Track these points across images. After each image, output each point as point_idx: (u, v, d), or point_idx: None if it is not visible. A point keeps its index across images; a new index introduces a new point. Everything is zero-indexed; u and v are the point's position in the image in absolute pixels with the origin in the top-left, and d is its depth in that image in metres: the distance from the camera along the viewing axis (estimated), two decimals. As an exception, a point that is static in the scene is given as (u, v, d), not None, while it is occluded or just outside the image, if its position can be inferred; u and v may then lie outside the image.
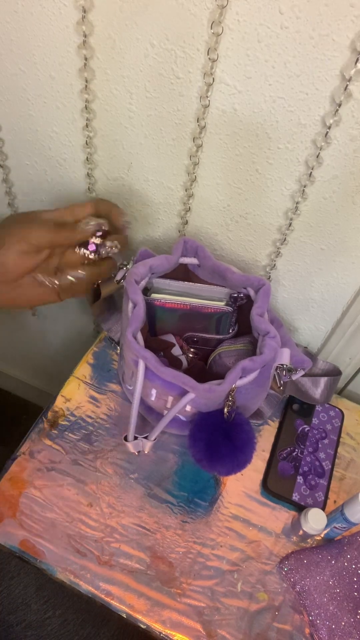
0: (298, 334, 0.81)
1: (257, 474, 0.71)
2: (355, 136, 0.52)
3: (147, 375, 0.58)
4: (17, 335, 1.18)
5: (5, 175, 0.75)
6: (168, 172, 0.64)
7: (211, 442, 0.57)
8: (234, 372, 0.55)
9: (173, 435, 0.71)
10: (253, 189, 0.62)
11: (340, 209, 0.60)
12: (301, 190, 0.59)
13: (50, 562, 0.61)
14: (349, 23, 0.45)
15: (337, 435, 0.76)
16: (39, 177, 0.73)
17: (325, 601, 0.61)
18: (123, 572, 0.61)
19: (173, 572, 0.62)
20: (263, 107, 0.53)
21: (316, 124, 0.53)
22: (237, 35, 0.49)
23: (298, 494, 0.69)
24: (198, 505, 0.67)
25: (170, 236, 0.73)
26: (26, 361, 1.29)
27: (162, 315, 0.68)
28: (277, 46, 0.48)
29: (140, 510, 0.66)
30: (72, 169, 0.70)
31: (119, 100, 0.59)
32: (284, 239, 0.65)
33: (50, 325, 1.09)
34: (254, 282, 0.63)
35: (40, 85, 0.61)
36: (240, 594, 0.62)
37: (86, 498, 0.65)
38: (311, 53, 0.48)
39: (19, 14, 0.55)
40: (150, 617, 0.59)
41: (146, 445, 0.63)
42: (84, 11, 0.51)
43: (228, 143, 0.58)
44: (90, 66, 0.57)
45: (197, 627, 0.59)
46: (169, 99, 0.56)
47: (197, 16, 0.49)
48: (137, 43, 0.53)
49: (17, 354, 1.28)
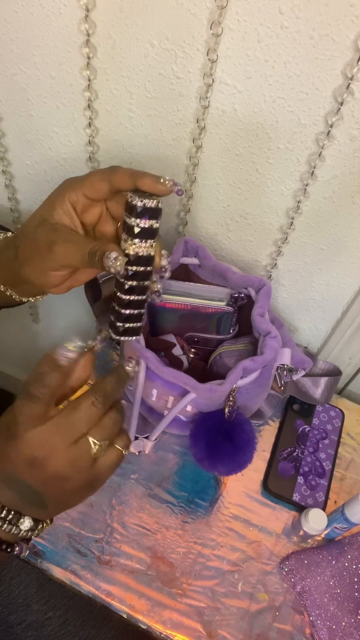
0: (298, 334, 0.81)
1: (257, 474, 0.71)
2: (355, 136, 0.52)
3: (148, 375, 0.58)
4: (17, 335, 1.18)
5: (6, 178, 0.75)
6: (168, 172, 0.64)
7: (212, 442, 0.57)
8: (235, 372, 0.55)
9: (174, 436, 0.71)
10: (253, 189, 0.62)
11: (340, 209, 0.60)
12: (301, 190, 0.59)
13: (50, 562, 0.61)
14: (349, 23, 0.45)
15: (338, 436, 0.76)
16: (39, 177, 0.73)
17: (326, 601, 0.61)
18: (123, 572, 0.61)
19: (174, 572, 0.62)
20: (263, 107, 0.53)
21: (316, 124, 0.53)
22: (237, 35, 0.49)
23: (298, 494, 0.69)
24: (198, 505, 0.67)
25: (171, 236, 0.73)
26: (26, 361, 1.29)
27: (163, 316, 0.68)
28: (277, 46, 0.48)
29: (140, 511, 0.66)
30: (72, 169, 0.70)
31: (119, 100, 0.59)
32: (285, 238, 0.65)
33: (50, 325, 1.09)
34: (255, 282, 0.63)
35: (41, 85, 0.61)
36: (241, 594, 0.62)
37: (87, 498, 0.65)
38: (311, 53, 0.48)
39: (19, 14, 0.55)
40: (151, 617, 0.59)
41: (147, 446, 0.63)
42: (86, 10, 0.51)
43: (228, 143, 0.58)
44: (91, 65, 0.57)
45: (198, 627, 0.59)
46: (169, 99, 0.56)
47: (197, 16, 0.49)
48: (137, 43, 0.53)
49: (18, 354, 1.28)
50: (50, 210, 0.45)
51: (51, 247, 0.43)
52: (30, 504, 0.42)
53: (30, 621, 0.69)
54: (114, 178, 0.43)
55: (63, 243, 0.43)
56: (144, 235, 0.42)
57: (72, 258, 0.43)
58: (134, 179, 0.42)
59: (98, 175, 0.44)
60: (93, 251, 0.41)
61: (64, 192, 0.45)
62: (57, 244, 0.43)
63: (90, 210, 0.46)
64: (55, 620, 0.69)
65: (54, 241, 0.43)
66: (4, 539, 0.41)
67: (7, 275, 0.51)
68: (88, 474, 0.42)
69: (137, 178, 0.42)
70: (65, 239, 0.44)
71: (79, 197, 0.44)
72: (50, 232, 0.44)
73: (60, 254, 0.43)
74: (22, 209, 0.81)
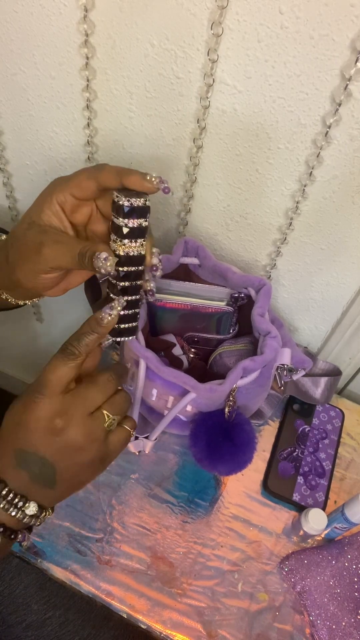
0: (298, 334, 0.81)
1: (257, 474, 0.71)
2: (355, 136, 0.52)
3: (148, 375, 0.58)
4: (17, 335, 1.18)
5: (5, 177, 0.75)
6: (168, 172, 0.64)
7: (212, 442, 0.57)
8: (235, 372, 0.55)
9: (174, 436, 0.71)
10: (253, 189, 0.62)
11: (340, 209, 0.60)
12: (301, 190, 0.59)
13: (50, 562, 0.61)
14: (349, 23, 0.45)
15: (338, 436, 0.76)
16: (39, 177, 0.73)
17: (326, 601, 0.61)
18: (123, 572, 0.61)
19: (174, 572, 0.62)
20: (263, 107, 0.53)
21: (316, 124, 0.53)
22: (237, 35, 0.49)
23: (298, 494, 0.69)
24: (198, 505, 0.67)
25: (171, 236, 0.73)
26: (27, 361, 1.29)
27: (163, 316, 0.68)
28: (277, 46, 0.48)
29: (140, 511, 0.66)
30: (72, 169, 0.69)
31: (119, 100, 0.59)
32: (284, 238, 0.65)
33: (50, 325, 1.09)
34: (255, 282, 0.63)
35: (41, 85, 0.61)
36: (241, 594, 0.62)
37: (86, 498, 0.65)
38: (311, 53, 0.48)
39: (19, 14, 0.55)
40: (151, 617, 0.59)
41: (147, 445, 0.63)
42: (85, 10, 0.51)
43: (228, 143, 0.58)
44: (91, 65, 0.57)
45: (198, 627, 0.59)
46: (169, 99, 0.56)
47: (197, 16, 0.49)
48: (137, 43, 0.53)
49: (18, 354, 1.28)
50: (39, 212, 0.45)
51: (40, 249, 0.43)
52: (39, 485, 0.43)
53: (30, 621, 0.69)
54: (101, 176, 0.42)
55: (52, 244, 0.43)
56: (133, 235, 0.41)
57: (61, 260, 0.43)
58: (120, 176, 0.41)
59: (84, 174, 0.44)
60: (83, 252, 0.41)
61: (52, 193, 0.44)
62: (46, 245, 0.43)
63: (79, 210, 0.46)
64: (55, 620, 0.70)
65: (43, 243, 0.43)
66: (8, 524, 0.42)
67: (1, 279, 0.51)
68: (101, 446, 0.44)
69: (123, 176, 0.41)
70: (55, 240, 0.43)
71: (67, 197, 0.44)
72: (39, 234, 0.44)
73: (50, 255, 0.43)
74: (20, 209, 0.81)
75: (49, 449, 0.42)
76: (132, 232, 0.41)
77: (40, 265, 0.44)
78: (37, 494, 0.43)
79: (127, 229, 0.40)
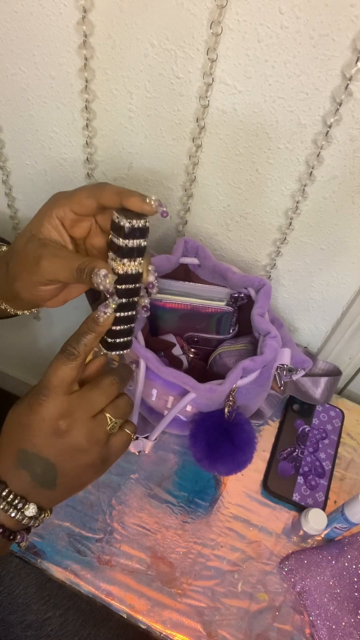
0: (298, 334, 0.81)
1: (257, 474, 0.71)
2: (355, 136, 0.52)
3: (148, 375, 0.58)
4: (17, 335, 1.18)
5: (5, 177, 0.75)
6: (168, 172, 0.64)
7: (212, 441, 0.57)
8: (235, 372, 0.55)
9: (173, 436, 0.71)
10: (253, 188, 0.62)
11: (340, 209, 0.60)
12: (301, 190, 0.59)
13: (50, 562, 0.61)
14: (349, 23, 0.45)
15: (338, 436, 0.76)
16: (39, 177, 0.73)
17: (326, 601, 0.61)
18: (123, 572, 0.61)
19: (173, 572, 0.62)
20: (263, 107, 0.53)
21: (316, 124, 0.53)
22: (237, 35, 0.49)
23: (298, 494, 0.69)
24: (198, 505, 0.67)
25: (170, 236, 0.73)
26: (27, 361, 1.29)
27: (163, 316, 0.68)
28: (277, 46, 0.48)
29: (140, 511, 0.66)
30: (72, 169, 0.70)
31: (119, 100, 0.59)
32: (284, 238, 0.65)
33: (51, 325, 1.09)
34: (255, 282, 0.63)
35: (41, 85, 0.61)
36: (241, 594, 0.62)
37: (86, 498, 0.65)
38: (311, 53, 0.48)
39: (19, 13, 0.55)
40: (151, 617, 0.59)
41: (147, 446, 0.63)
42: (84, 11, 0.51)
43: (228, 143, 0.58)
44: (90, 66, 0.56)
45: (198, 627, 0.59)
46: (169, 99, 0.56)
47: (196, 16, 0.49)
48: (137, 43, 0.53)
49: (18, 355, 1.28)
50: (39, 226, 0.45)
51: (39, 262, 0.43)
52: (39, 486, 0.43)
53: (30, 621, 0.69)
54: (101, 197, 0.43)
55: (51, 258, 0.43)
56: (132, 254, 0.42)
57: (59, 273, 0.43)
58: (121, 197, 0.42)
59: (85, 193, 0.44)
60: (81, 267, 0.41)
61: (52, 208, 0.45)
62: (45, 258, 0.43)
63: (79, 225, 0.46)
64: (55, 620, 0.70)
65: (42, 256, 0.44)
66: (7, 525, 0.43)
67: (0, 289, 0.51)
68: (103, 449, 0.45)
69: (123, 197, 0.42)
70: (53, 253, 0.44)
71: (67, 212, 0.45)
72: (38, 247, 0.44)
73: (48, 268, 0.43)
74: (19, 208, 0.81)
75: (51, 450, 0.43)
76: (132, 251, 0.41)
77: (38, 277, 0.44)
78: (37, 495, 0.43)
79: (127, 249, 0.41)
